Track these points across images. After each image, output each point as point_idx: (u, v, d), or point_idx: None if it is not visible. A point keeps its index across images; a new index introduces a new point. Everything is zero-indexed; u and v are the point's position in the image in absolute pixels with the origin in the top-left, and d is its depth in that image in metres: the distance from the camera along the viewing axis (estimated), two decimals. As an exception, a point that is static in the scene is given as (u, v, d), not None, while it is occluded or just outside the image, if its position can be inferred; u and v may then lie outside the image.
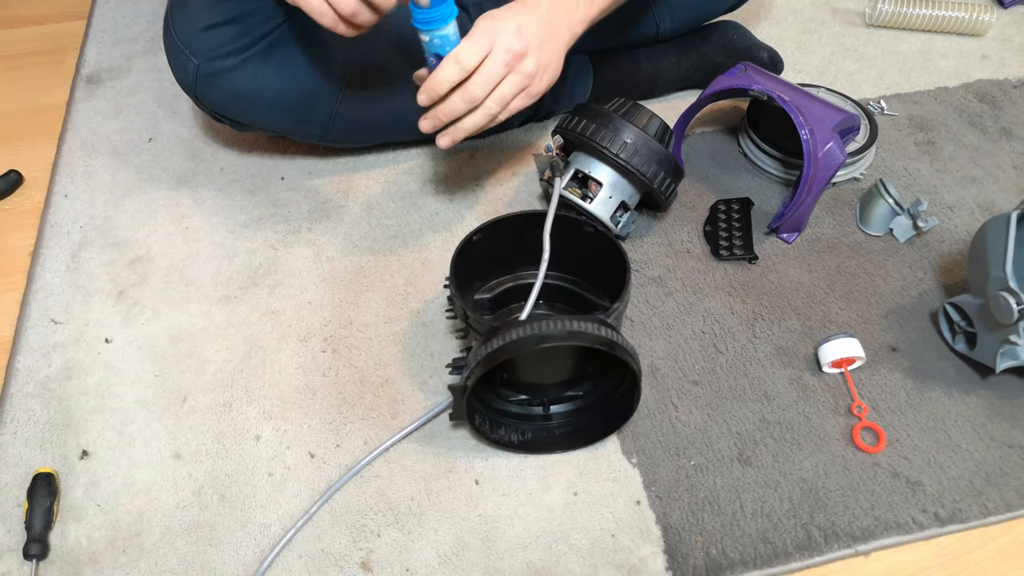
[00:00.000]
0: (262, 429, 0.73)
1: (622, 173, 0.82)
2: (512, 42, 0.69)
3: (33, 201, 0.94)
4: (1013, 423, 0.73)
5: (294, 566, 0.64)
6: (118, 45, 1.14)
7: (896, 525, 0.66)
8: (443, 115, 0.71)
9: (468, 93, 0.69)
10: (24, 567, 0.64)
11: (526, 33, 0.70)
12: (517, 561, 0.64)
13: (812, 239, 0.88)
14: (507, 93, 0.71)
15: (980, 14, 1.13)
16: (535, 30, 0.70)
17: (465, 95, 0.70)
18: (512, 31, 0.69)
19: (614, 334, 0.63)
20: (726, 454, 0.71)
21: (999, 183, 0.94)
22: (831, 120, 0.83)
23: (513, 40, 0.69)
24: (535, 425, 0.71)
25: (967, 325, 0.75)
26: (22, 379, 0.76)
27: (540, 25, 0.71)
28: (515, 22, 0.70)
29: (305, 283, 0.84)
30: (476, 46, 0.68)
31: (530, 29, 0.70)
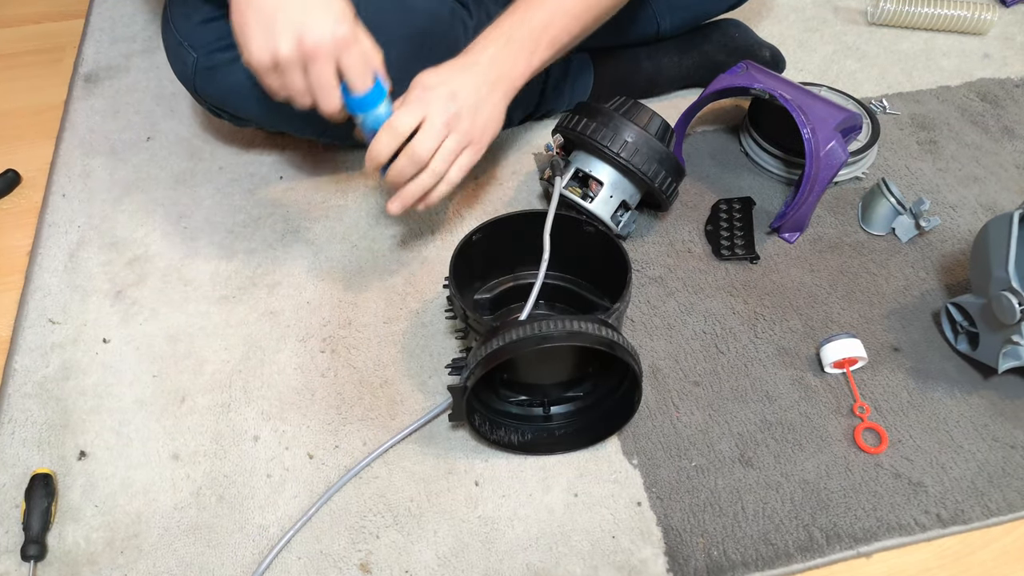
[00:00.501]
0: (260, 430, 0.72)
1: (623, 172, 0.81)
2: (447, 106, 0.70)
3: (31, 200, 0.94)
4: (1015, 423, 0.72)
5: (293, 567, 0.64)
6: (116, 44, 1.14)
7: (898, 526, 0.66)
8: (392, 179, 0.73)
9: (413, 153, 0.70)
10: (22, 568, 0.64)
11: (460, 96, 0.71)
12: (517, 563, 0.64)
13: (814, 239, 0.88)
14: (452, 149, 0.72)
15: (982, 13, 1.13)
16: (470, 91, 0.71)
17: (411, 156, 0.70)
18: (445, 96, 0.70)
19: (614, 334, 0.63)
20: (727, 455, 0.70)
21: (1001, 182, 0.94)
22: (833, 119, 0.83)
23: (448, 104, 0.70)
24: (535, 426, 0.71)
25: (969, 325, 0.74)
26: (20, 379, 0.76)
27: (476, 85, 0.71)
28: (448, 89, 0.71)
29: (304, 283, 0.84)
30: (410, 113, 0.70)
31: (465, 91, 0.71)
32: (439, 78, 0.71)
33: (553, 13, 0.74)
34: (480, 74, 0.72)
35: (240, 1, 0.63)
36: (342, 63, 0.64)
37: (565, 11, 0.75)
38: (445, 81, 0.71)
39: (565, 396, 0.72)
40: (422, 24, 0.85)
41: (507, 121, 0.97)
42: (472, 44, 0.74)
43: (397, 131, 0.69)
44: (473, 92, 0.71)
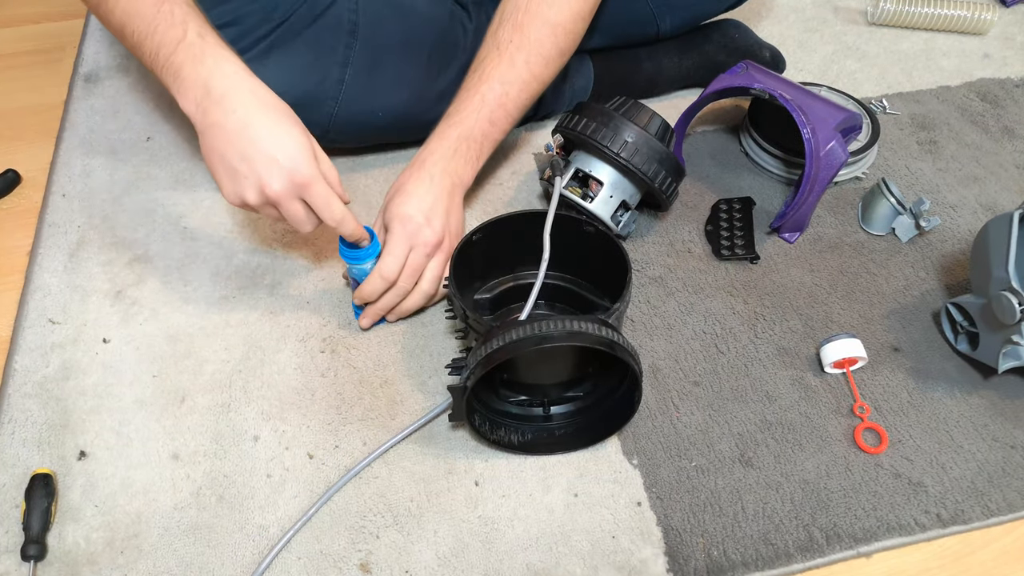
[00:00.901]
0: (260, 430, 0.72)
1: (623, 172, 0.81)
2: (427, 235, 0.74)
3: (31, 201, 0.94)
4: (1015, 423, 0.72)
5: (293, 567, 0.64)
6: (116, 44, 1.14)
7: (898, 526, 0.66)
8: (379, 311, 0.77)
9: (399, 289, 0.75)
10: (22, 568, 0.64)
11: (434, 218, 0.74)
12: (517, 563, 0.64)
13: (814, 239, 0.88)
14: (436, 272, 0.76)
15: (982, 13, 1.13)
16: (438, 208, 0.75)
17: (397, 292, 0.75)
18: (422, 223, 0.74)
19: (615, 334, 0.63)
20: (727, 455, 0.70)
21: (1001, 182, 0.94)
22: (833, 119, 0.83)
23: (427, 232, 0.74)
24: (535, 426, 0.71)
25: (969, 325, 0.74)
26: (20, 379, 0.76)
27: (438, 199, 0.75)
28: (422, 214, 0.74)
29: (304, 283, 0.84)
30: (397, 256, 0.73)
31: (434, 211, 0.75)
32: (408, 204, 0.74)
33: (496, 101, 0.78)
34: (437, 188, 0.76)
35: (205, 146, 0.66)
36: (308, 200, 0.67)
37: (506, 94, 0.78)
38: (416, 207, 0.74)
39: (565, 396, 0.72)
40: (421, 27, 0.86)
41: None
42: (424, 153, 0.78)
43: (387, 277, 0.73)
44: (440, 206, 0.75)
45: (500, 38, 0.78)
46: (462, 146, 0.78)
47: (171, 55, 0.65)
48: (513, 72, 0.78)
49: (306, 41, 0.81)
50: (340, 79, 0.83)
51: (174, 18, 0.65)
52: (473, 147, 0.78)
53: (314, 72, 0.82)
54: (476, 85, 0.78)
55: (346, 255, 0.73)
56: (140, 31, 0.66)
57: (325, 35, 0.81)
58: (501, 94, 0.78)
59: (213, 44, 0.65)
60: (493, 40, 0.79)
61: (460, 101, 0.79)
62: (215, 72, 0.64)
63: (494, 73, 0.78)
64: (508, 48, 0.78)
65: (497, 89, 0.77)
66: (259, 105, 0.65)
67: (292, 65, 0.80)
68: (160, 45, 0.65)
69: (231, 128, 0.64)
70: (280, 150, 0.64)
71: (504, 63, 0.78)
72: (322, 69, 0.82)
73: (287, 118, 0.66)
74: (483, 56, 0.79)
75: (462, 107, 0.78)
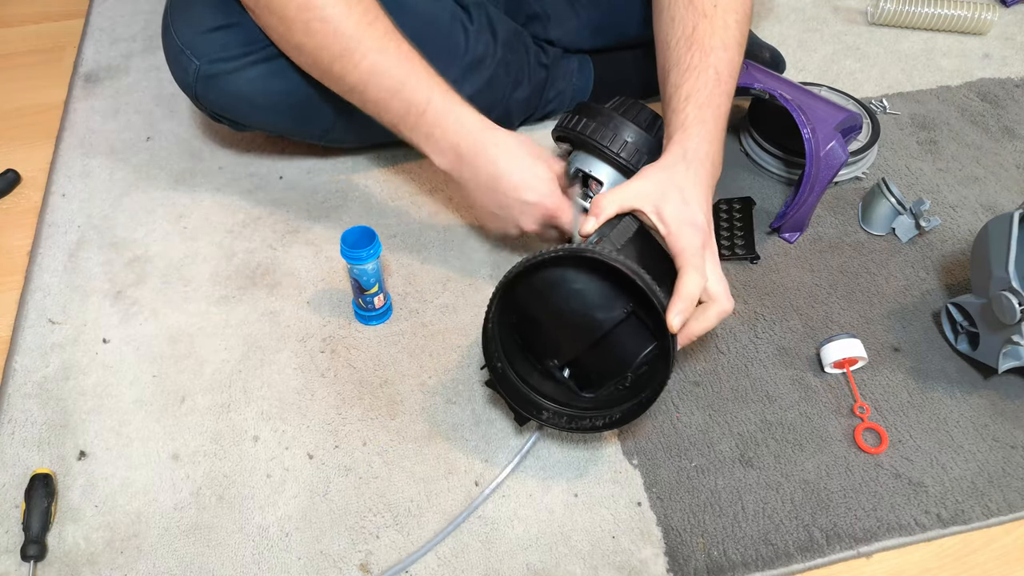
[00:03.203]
0: (260, 430, 0.72)
1: (623, 172, 0.81)
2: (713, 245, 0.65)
3: (31, 201, 0.94)
4: (1016, 424, 0.72)
5: (293, 567, 0.64)
6: (116, 44, 1.14)
7: (898, 526, 0.66)
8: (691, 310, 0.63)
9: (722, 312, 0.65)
10: (22, 568, 0.63)
11: (709, 226, 0.66)
12: (517, 563, 0.64)
13: (814, 239, 0.88)
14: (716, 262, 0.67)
15: (982, 13, 1.13)
16: (709, 207, 0.67)
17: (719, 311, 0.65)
18: (708, 231, 0.65)
19: None
20: (727, 455, 0.70)
21: (1002, 182, 0.94)
22: (833, 119, 0.83)
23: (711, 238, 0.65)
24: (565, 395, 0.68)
25: (970, 325, 0.74)
26: (19, 379, 0.76)
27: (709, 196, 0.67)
28: (705, 217, 0.65)
29: (304, 283, 0.84)
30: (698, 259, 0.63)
31: (709, 212, 0.66)
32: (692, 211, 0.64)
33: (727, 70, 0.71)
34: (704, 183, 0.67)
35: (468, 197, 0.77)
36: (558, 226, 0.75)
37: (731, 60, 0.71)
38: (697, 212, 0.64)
39: None
40: (422, 27, 0.85)
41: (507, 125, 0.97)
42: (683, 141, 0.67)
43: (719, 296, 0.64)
44: (707, 206, 0.66)
45: (702, 4, 0.71)
46: (718, 127, 0.69)
47: (420, 117, 0.72)
48: (728, 34, 0.71)
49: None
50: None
51: (420, 78, 0.71)
52: (722, 126, 0.70)
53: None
54: (702, 59, 0.70)
55: (347, 255, 0.73)
56: (389, 88, 0.71)
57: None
58: (728, 60, 0.71)
59: (455, 102, 0.72)
60: (692, 9, 0.72)
61: (695, 79, 0.69)
62: (462, 132, 0.72)
63: (713, 40, 0.70)
64: (716, 12, 0.71)
65: (723, 56, 0.70)
66: (505, 156, 0.73)
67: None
68: (409, 105, 0.71)
69: (484, 183, 0.74)
70: (528, 193, 0.73)
71: (719, 27, 0.71)
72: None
73: (528, 158, 0.73)
74: (688, 29, 0.71)
75: (703, 85, 0.69)
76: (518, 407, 0.67)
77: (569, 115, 0.83)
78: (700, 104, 0.68)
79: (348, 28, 0.70)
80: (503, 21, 0.91)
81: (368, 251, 0.73)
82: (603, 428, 0.66)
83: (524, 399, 0.67)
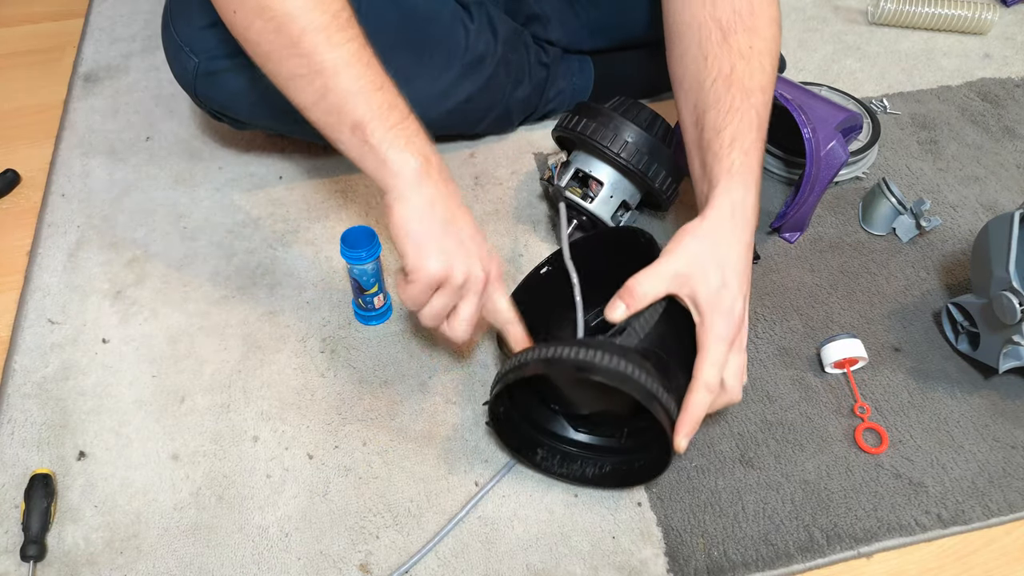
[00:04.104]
0: (260, 430, 0.72)
1: (623, 172, 0.81)
2: (744, 334, 0.62)
3: (30, 200, 0.94)
4: (1016, 424, 0.72)
5: (292, 568, 0.64)
6: (115, 44, 1.14)
7: (899, 526, 0.66)
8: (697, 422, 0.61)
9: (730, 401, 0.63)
10: (21, 568, 0.63)
11: (746, 303, 0.62)
12: (517, 563, 0.64)
13: (814, 239, 0.88)
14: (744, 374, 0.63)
15: (983, 12, 1.13)
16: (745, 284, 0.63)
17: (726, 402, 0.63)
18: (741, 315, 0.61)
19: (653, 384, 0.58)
20: (728, 455, 0.70)
21: (1002, 182, 0.94)
22: (833, 119, 0.83)
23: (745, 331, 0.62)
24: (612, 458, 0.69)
25: (970, 325, 0.74)
26: (19, 379, 0.75)
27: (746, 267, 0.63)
28: (741, 301, 0.61)
29: (303, 283, 0.84)
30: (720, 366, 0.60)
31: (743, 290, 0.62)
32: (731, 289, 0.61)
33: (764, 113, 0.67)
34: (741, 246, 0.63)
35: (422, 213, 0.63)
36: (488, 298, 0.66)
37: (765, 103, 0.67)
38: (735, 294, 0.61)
39: None
40: (423, 27, 0.85)
41: (507, 124, 0.98)
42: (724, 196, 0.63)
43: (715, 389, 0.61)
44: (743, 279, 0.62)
45: (738, 45, 0.67)
46: (757, 177, 0.65)
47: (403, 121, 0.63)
48: (765, 78, 0.68)
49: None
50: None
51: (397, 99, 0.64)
52: (759, 172, 0.66)
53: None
54: (743, 101, 0.66)
55: (347, 255, 0.73)
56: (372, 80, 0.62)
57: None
58: (766, 104, 0.67)
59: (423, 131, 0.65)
60: (728, 49, 0.68)
61: (735, 121, 0.65)
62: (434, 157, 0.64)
63: (753, 83, 0.67)
64: (752, 54, 0.67)
65: (762, 99, 0.67)
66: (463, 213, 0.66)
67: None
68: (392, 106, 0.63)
69: (461, 214, 0.64)
70: (491, 251, 0.66)
71: (756, 70, 0.67)
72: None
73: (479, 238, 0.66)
74: (726, 69, 0.67)
75: (745, 129, 0.65)
76: (514, 448, 0.68)
77: (569, 115, 0.83)
78: (746, 150, 0.64)
79: None
80: (503, 20, 0.91)
81: (368, 251, 0.73)
82: (591, 482, 0.68)
83: (521, 438, 0.69)
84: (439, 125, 0.92)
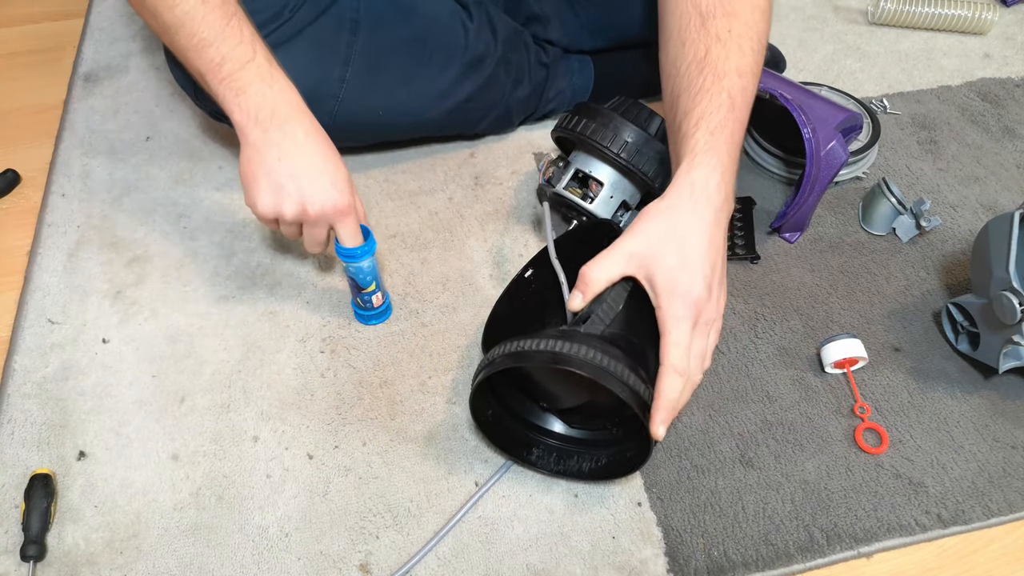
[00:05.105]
0: (260, 430, 0.72)
1: (623, 172, 0.81)
2: (709, 313, 0.60)
3: (30, 200, 0.94)
4: (1016, 424, 0.72)
5: (292, 568, 0.64)
6: (115, 44, 1.14)
7: (899, 526, 0.66)
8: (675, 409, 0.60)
9: (692, 384, 0.61)
10: (21, 568, 0.63)
11: (715, 284, 0.60)
12: (517, 563, 0.64)
13: (814, 238, 0.88)
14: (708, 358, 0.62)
15: (983, 12, 1.13)
16: (717, 266, 0.61)
17: (689, 385, 0.61)
18: (705, 297, 0.59)
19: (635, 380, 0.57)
20: (728, 455, 0.70)
21: (1002, 182, 0.94)
22: (833, 119, 0.83)
23: (709, 310, 0.60)
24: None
25: (970, 325, 0.74)
26: (19, 379, 0.75)
27: (717, 251, 0.61)
28: (704, 283, 0.59)
29: (304, 283, 0.84)
30: (684, 347, 0.59)
31: (715, 273, 0.60)
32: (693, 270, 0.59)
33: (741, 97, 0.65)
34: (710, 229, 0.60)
35: (255, 159, 0.69)
36: (336, 228, 0.71)
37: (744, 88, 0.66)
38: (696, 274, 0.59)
39: None
40: (423, 26, 0.85)
41: (507, 124, 0.98)
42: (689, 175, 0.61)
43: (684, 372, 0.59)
44: (714, 262, 0.61)
45: (715, 28, 0.66)
46: (726, 158, 0.63)
47: (238, 71, 0.67)
48: (744, 61, 0.66)
49: (308, 39, 0.81)
50: (341, 77, 0.83)
51: (243, 36, 0.67)
52: (734, 155, 0.64)
53: (315, 70, 0.82)
54: (714, 83, 0.65)
55: (343, 253, 0.73)
56: (203, 38, 0.66)
57: (327, 33, 0.81)
58: (742, 88, 0.65)
59: (279, 72, 0.69)
60: (705, 33, 0.67)
61: (703, 102, 0.64)
62: (281, 98, 0.69)
63: (727, 65, 0.65)
64: (730, 37, 0.66)
65: (737, 83, 0.65)
66: (315, 136, 0.70)
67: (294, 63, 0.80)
68: (225, 58, 0.67)
69: (288, 149, 0.68)
70: (328, 177, 0.69)
71: (733, 53, 0.66)
72: (323, 67, 0.82)
73: (333, 154, 0.71)
74: (701, 52, 0.66)
75: (714, 110, 0.64)
76: (508, 449, 0.68)
77: (569, 115, 0.83)
78: (712, 130, 0.62)
79: None
80: (503, 20, 0.91)
81: (363, 248, 0.72)
82: (588, 476, 0.67)
83: (514, 439, 0.69)
84: (439, 125, 0.92)
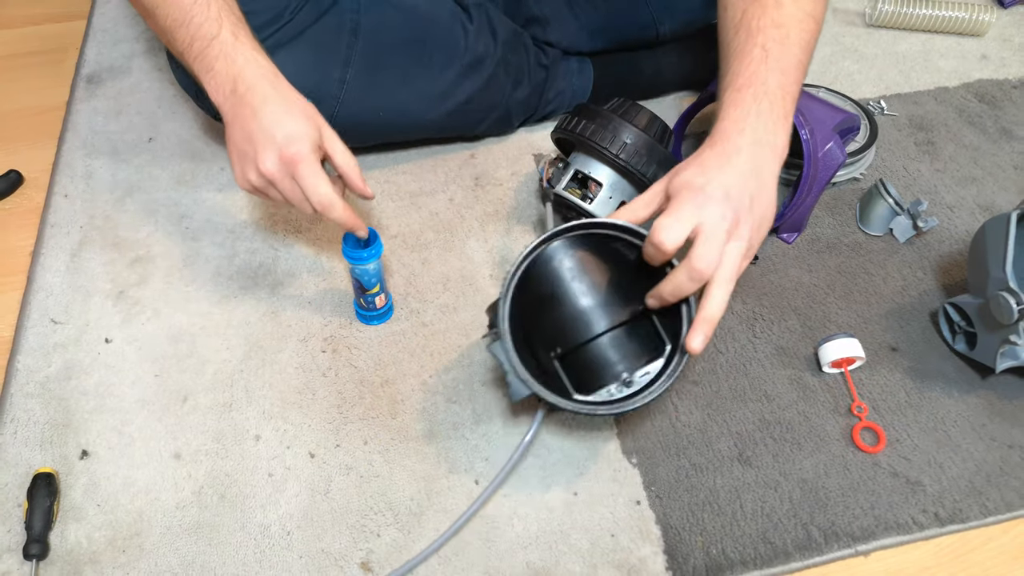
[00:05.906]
0: (262, 429, 0.73)
1: (622, 174, 0.82)
2: (723, 211, 0.59)
3: (33, 201, 0.94)
4: (1013, 423, 0.73)
5: (294, 566, 0.64)
6: (118, 45, 1.14)
7: (896, 525, 0.66)
8: (669, 294, 0.61)
9: (693, 270, 0.58)
10: (24, 567, 0.64)
11: (734, 196, 0.59)
12: (517, 561, 0.64)
13: (812, 239, 0.88)
14: (735, 260, 0.60)
15: (980, 14, 1.13)
16: (741, 188, 0.60)
17: (691, 273, 0.59)
18: (719, 198, 0.59)
19: None
20: (726, 454, 0.71)
21: (999, 183, 0.94)
22: (831, 120, 0.83)
23: (724, 208, 0.59)
24: None
25: (967, 325, 0.75)
26: (22, 379, 0.76)
27: (745, 180, 0.60)
28: (720, 186, 0.59)
29: (305, 283, 0.84)
30: (682, 222, 0.58)
31: (736, 189, 0.60)
32: (705, 176, 0.60)
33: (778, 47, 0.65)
34: (745, 166, 0.61)
35: (228, 137, 0.69)
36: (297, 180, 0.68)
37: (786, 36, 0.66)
38: (713, 178, 0.60)
39: None
40: (423, 27, 0.86)
41: (507, 125, 0.98)
42: (722, 125, 0.63)
43: (666, 245, 0.58)
44: (745, 189, 0.60)
45: None
46: (763, 105, 0.63)
47: (205, 49, 0.67)
48: (782, 12, 0.66)
49: (308, 40, 0.81)
50: (342, 78, 0.83)
51: (210, 12, 0.68)
52: (776, 104, 0.63)
53: (316, 71, 0.82)
54: (747, 41, 0.65)
55: (349, 255, 0.73)
56: (174, 18, 0.68)
57: (327, 34, 0.81)
58: (781, 38, 0.65)
59: (245, 43, 0.68)
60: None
61: (737, 62, 0.65)
62: (245, 70, 0.68)
63: (762, 21, 0.65)
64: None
65: (774, 34, 0.65)
66: (274, 94, 0.68)
67: (294, 64, 0.80)
68: (194, 37, 0.67)
69: (246, 116, 0.67)
70: (278, 129, 0.67)
71: (769, 7, 0.66)
72: (324, 68, 0.82)
73: (297, 106, 0.68)
74: (737, 15, 0.67)
75: (744, 67, 0.64)
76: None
77: (568, 117, 0.83)
78: (739, 87, 0.63)
79: None
80: (503, 22, 0.92)
81: (369, 251, 0.73)
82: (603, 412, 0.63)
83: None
84: (439, 126, 0.93)
